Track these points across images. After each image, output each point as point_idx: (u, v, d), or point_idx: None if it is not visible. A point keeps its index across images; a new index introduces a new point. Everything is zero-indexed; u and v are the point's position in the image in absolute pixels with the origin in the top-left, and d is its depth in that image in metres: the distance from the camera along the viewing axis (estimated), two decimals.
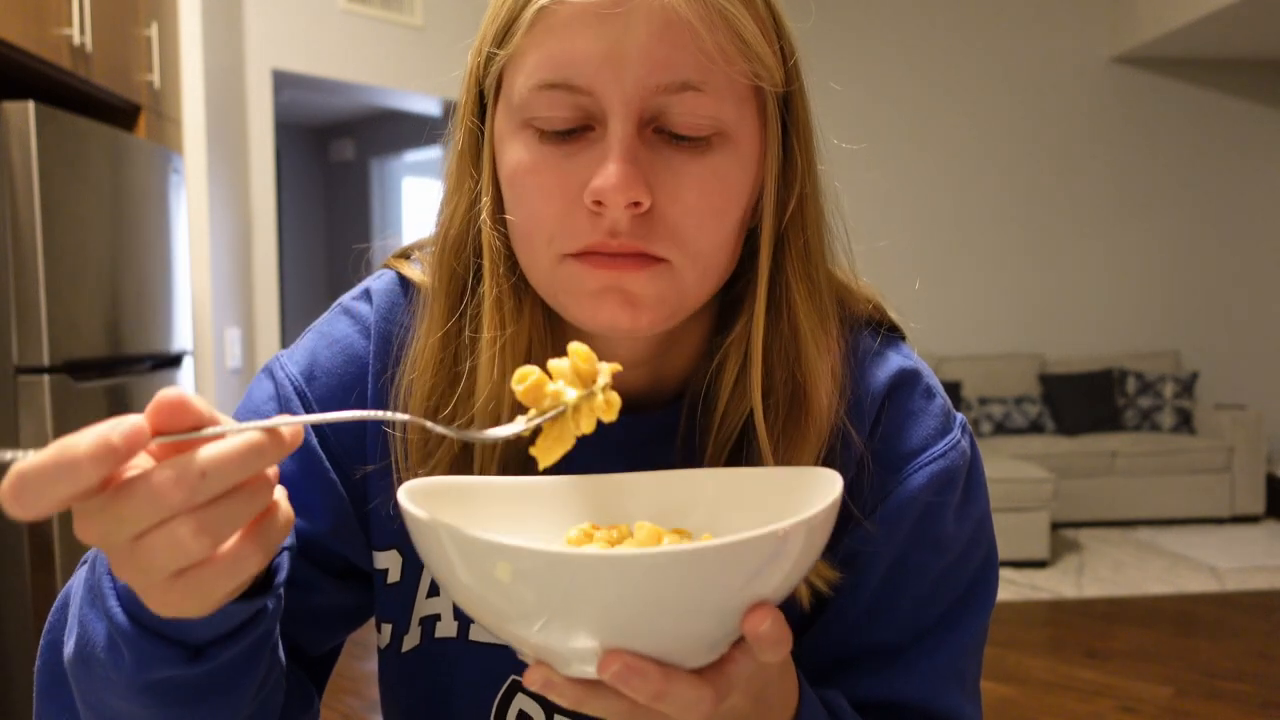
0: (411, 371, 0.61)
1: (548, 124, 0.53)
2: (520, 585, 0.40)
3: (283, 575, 0.50)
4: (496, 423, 0.58)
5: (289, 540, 0.52)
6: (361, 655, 3.26)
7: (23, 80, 2.60)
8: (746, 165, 0.55)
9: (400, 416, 0.45)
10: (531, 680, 0.44)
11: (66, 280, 2.33)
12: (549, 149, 0.54)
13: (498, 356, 0.58)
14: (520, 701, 0.66)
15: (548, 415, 0.47)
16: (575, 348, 0.49)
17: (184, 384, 3.03)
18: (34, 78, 2.58)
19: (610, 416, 0.48)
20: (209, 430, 0.37)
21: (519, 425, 0.47)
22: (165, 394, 0.37)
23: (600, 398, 0.47)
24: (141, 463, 0.38)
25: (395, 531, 0.64)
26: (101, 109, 2.91)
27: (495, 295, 0.58)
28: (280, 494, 0.42)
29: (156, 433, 0.36)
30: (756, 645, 0.43)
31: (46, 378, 2.24)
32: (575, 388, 0.47)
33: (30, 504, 0.34)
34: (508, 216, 0.57)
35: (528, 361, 0.58)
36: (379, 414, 0.43)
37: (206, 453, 0.37)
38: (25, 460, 0.34)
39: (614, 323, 0.54)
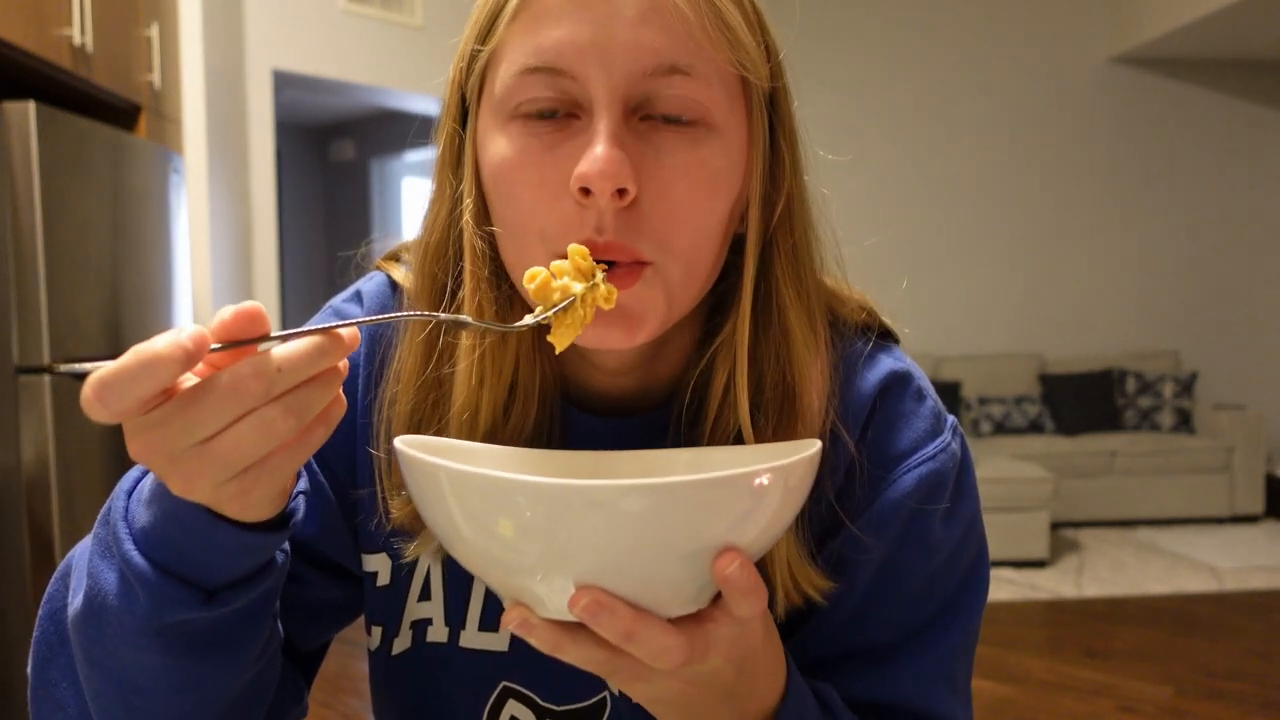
0: (395, 383, 0.61)
1: (531, 105, 0.52)
2: (507, 519, 0.41)
3: (299, 516, 0.51)
4: (473, 430, 0.58)
5: (303, 485, 0.53)
6: (362, 656, 3.26)
7: (23, 80, 2.60)
8: (733, 160, 0.55)
9: (446, 316, 0.48)
10: (509, 620, 0.45)
11: (67, 280, 2.33)
12: (533, 140, 0.52)
13: (475, 364, 0.57)
14: (512, 707, 0.66)
15: (561, 306, 0.50)
16: (574, 248, 0.50)
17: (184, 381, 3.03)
18: (35, 78, 2.58)
19: (610, 305, 0.51)
20: (274, 336, 0.40)
21: (538, 317, 0.50)
22: (247, 305, 0.39)
23: (602, 289, 0.50)
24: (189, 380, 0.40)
25: (384, 536, 0.64)
26: (102, 109, 2.92)
27: (477, 302, 0.57)
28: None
29: (229, 339, 0.39)
30: (726, 590, 0.43)
31: (47, 377, 2.25)
32: (579, 281, 0.50)
33: (113, 404, 0.36)
34: (494, 218, 0.56)
35: (513, 374, 0.58)
36: (425, 314, 0.47)
37: (280, 351, 0.40)
38: (104, 367, 0.37)
39: (605, 341, 0.54)
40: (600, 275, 0.51)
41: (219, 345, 0.39)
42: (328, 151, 7.70)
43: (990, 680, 3.08)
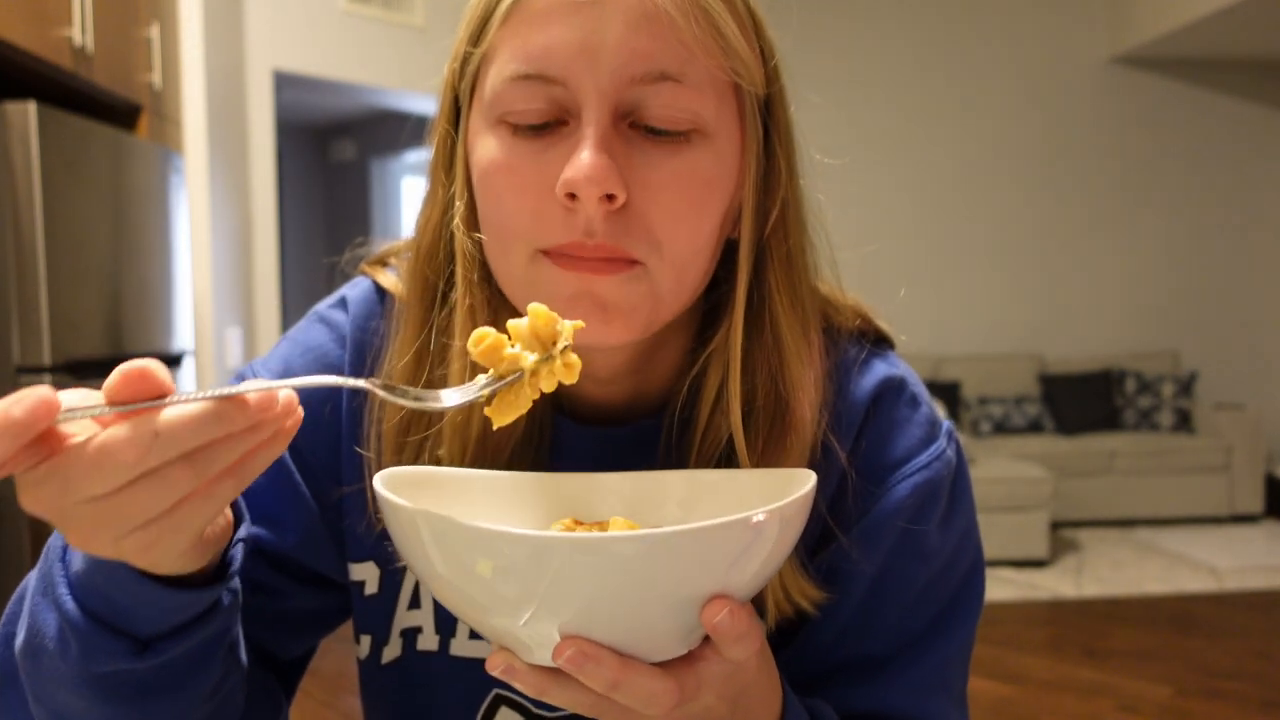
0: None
1: (521, 118, 0.52)
2: (489, 568, 0.40)
3: (235, 567, 0.50)
4: (466, 435, 0.57)
5: (243, 532, 0.51)
6: None
7: (24, 81, 2.60)
8: (725, 165, 0.54)
9: (359, 383, 0.43)
10: (493, 665, 0.44)
11: (68, 280, 2.34)
12: (521, 144, 0.52)
13: (469, 367, 0.56)
14: (504, 715, 0.65)
15: (505, 381, 0.45)
16: (535, 308, 0.46)
17: (185, 383, 3.04)
18: (35, 78, 2.58)
19: (570, 379, 0.46)
20: (169, 400, 0.37)
21: (473, 392, 0.45)
22: (131, 364, 0.36)
23: (558, 361, 0.45)
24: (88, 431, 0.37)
25: (372, 545, 0.64)
26: (102, 109, 2.92)
27: (468, 304, 0.57)
28: (290, 417, 0.41)
29: (115, 401, 0.36)
30: (716, 637, 0.43)
31: (48, 377, 2.25)
32: (534, 350, 0.46)
33: None
34: (480, 220, 0.55)
35: None
36: (343, 380, 0.42)
37: (165, 415, 0.36)
38: None
39: (582, 335, 0.52)
40: (560, 345, 0.46)
41: (89, 413, 0.36)
42: (328, 151, 7.70)
43: (990, 680, 3.08)
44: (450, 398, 0.44)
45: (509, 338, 0.46)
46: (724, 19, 0.52)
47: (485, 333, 0.45)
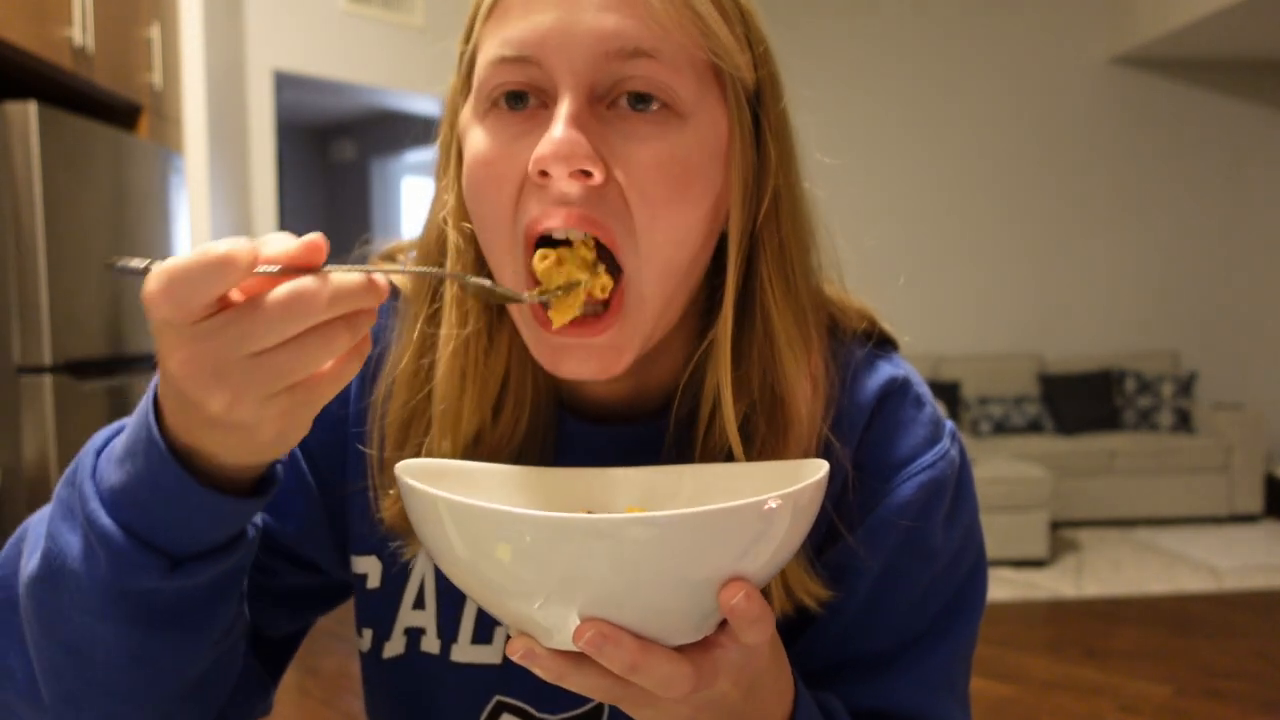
0: (389, 379, 0.61)
1: (501, 88, 0.52)
2: (508, 550, 0.41)
3: (278, 482, 0.51)
4: (456, 431, 0.58)
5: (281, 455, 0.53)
6: None
7: (24, 81, 2.60)
8: (708, 149, 0.53)
9: (484, 280, 0.51)
10: (513, 650, 0.45)
11: (68, 280, 2.34)
12: (503, 133, 0.53)
13: (453, 356, 0.57)
14: None
15: (561, 288, 0.52)
16: (580, 238, 0.52)
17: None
18: (36, 78, 2.59)
19: (604, 294, 0.53)
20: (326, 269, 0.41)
21: (541, 296, 0.52)
22: (313, 236, 0.40)
23: (602, 279, 0.53)
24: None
25: (375, 540, 0.64)
26: (103, 109, 2.92)
27: (454, 295, 0.58)
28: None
29: (297, 265, 0.40)
30: (733, 620, 0.43)
31: (48, 377, 2.25)
32: (583, 270, 0.52)
33: (183, 301, 0.37)
34: (469, 211, 0.56)
35: (504, 378, 0.58)
36: (438, 270, 0.50)
37: (335, 277, 0.40)
38: (167, 262, 0.37)
39: (579, 373, 0.54)
40: (602, 266, 0.52)
41: (273, 269, 0.39)
42: (328, 152, 7.70)
43: (990, 680, 3.08)
44: (523, 295, 0.53)
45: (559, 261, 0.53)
46: (699, 0, 0.52)
47: (548, 252, 0.52)
